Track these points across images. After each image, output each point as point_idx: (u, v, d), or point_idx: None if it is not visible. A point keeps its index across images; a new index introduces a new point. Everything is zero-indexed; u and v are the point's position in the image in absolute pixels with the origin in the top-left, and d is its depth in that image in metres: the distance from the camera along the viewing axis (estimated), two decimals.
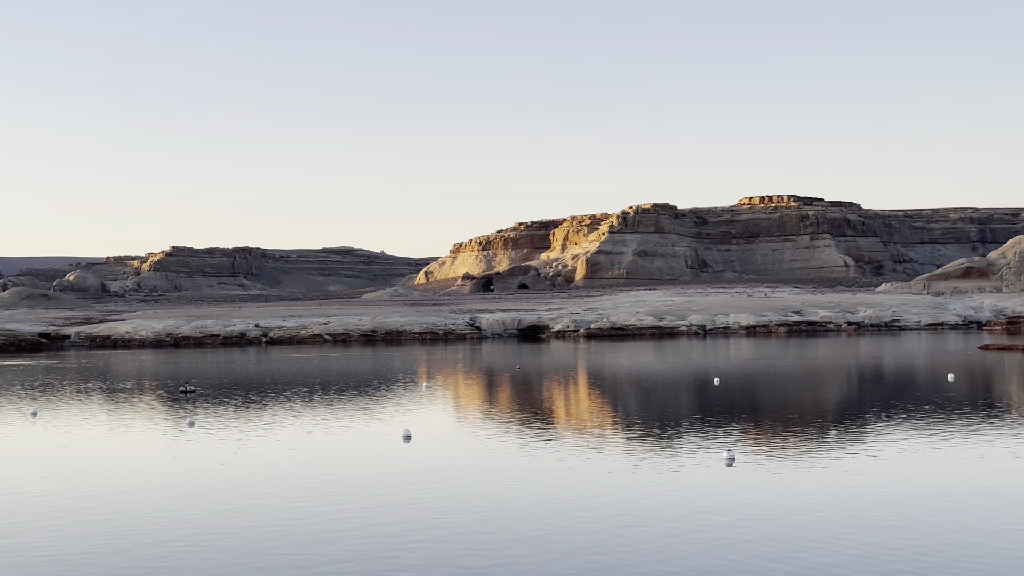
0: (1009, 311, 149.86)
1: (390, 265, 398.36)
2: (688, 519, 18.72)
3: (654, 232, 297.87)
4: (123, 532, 18.54)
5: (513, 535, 17.81)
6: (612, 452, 27.32)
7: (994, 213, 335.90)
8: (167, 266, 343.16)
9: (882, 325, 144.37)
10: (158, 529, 18.72)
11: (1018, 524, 18.14)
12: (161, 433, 33.92)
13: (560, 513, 19.52)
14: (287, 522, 19.14)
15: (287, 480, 23.97)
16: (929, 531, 17.59)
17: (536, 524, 18.62)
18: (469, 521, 18.94)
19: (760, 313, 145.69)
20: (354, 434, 32.63)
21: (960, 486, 21.73)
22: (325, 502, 21.04)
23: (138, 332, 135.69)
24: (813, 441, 28.86)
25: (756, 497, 20.68)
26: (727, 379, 52.77)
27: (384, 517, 19.40)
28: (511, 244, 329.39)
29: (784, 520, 18.55)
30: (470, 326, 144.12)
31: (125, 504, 21.31)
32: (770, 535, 17.45)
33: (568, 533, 17.85)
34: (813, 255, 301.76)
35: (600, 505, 20.15)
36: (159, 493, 22.52)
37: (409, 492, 22.01)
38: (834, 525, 18.10)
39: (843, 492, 21.10)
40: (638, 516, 19.05)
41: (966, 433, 29.79)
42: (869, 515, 18.85)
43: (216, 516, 19.85)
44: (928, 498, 20.43)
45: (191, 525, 19.02)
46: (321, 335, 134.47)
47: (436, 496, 21.46)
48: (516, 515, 19.45)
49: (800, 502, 20.12)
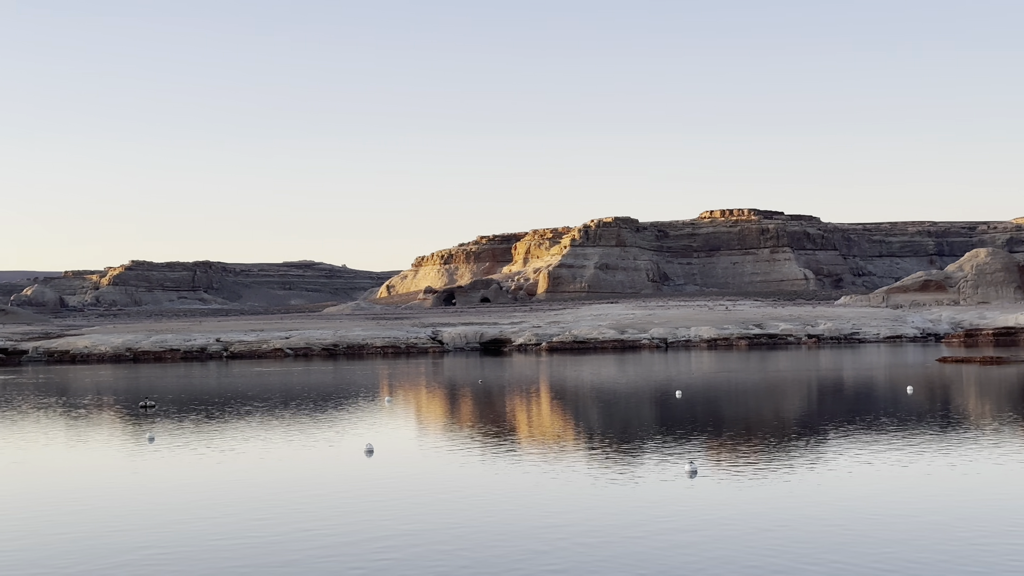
0: (966, 324, 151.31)
1: (352, 279, 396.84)
2: (650, 532, 18.77)
3: (616, 246, 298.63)
4: (81, 549, 18.37)
5: (475, 550, 17.80)
6: (574, 465, 27.35)
7: (951, 227, 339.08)
8: (126, 280, 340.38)
9: (842, 338, 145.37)
10: (117, 546, 18.56)
11: (976, 537, 18.32)
12: (120, 449, 33.65)
13: (522, 527, 19.53)
14: (248, 538, 19.03)
15: (248, 496, 23.84)
16: (889, 544, 17.73)
17: (498, 539, 18.62)
18: (431, 536, 18.91)
19: (721, 326, 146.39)
20: (316, 449, 32.49)
21: (920, 499, 21.91)
22: (287, 517, 20.93)
23: (97, 347, 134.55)
24: (774, 454, 29.02)
25: (717, 510, 20.77)
26: (689, 392, 52.96)
27: (346, 532, 19.33)
28: (473, 258, 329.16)
29: (745, 533, 18.64)
30: (432, 340, 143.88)
31: (83, 521, 21.11)
32: (731, 548, 17.52)
33: (530, 547, 17.86)
34: (773, 268, 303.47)
35: (562, 518, 20.17)
36: (118, 510, 22.33)
37: (371, 507, 21.94)
38: (795, 538, 18.21)
39: (804, 505, 21.23)
40: (600, 529, 19.09)
41: (925, 446, 30.05)
42: (829, 528, 18.97)
43: (176, 532, 19.71)
44: (888, 511, 20.58)
45: (151, 542, 18.87)
46: (282, 349, 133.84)
47: (398, 511, 21.40)
48: (478, 530, 19.43)
49: (762, 515, 20.22)
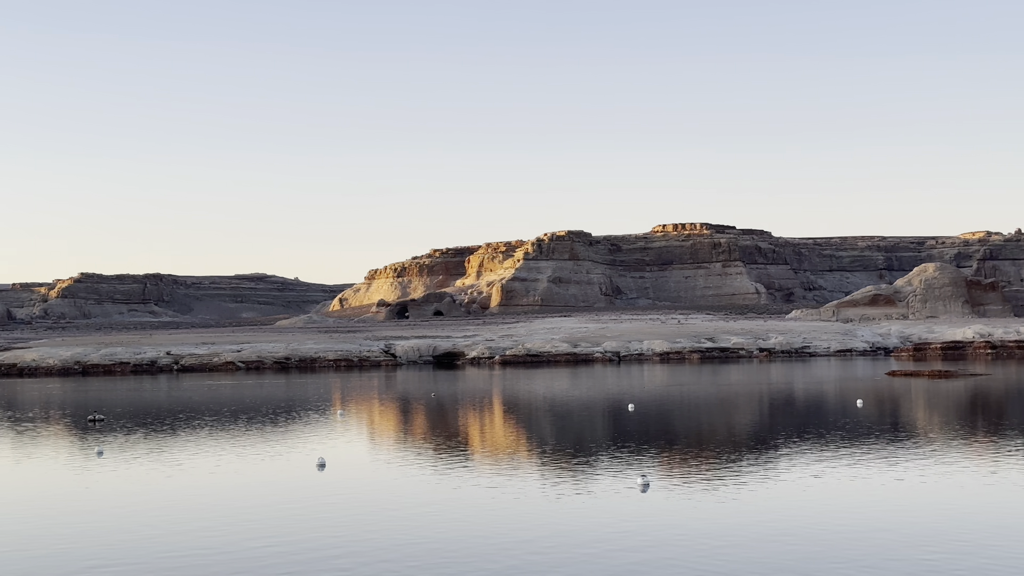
0: (915, 337, 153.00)
1: (304, 292, 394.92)
2: (603, 546, 18.81)
3: (569, 259, 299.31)
4: (28, 563, 18.15)
5: (426, 566, 17.76)
6: (527, 479, 27.36)
7: (900, 242, 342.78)
8: (75, 293, 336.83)
9: (793, 351, 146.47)
10: (64, 562, 18.35)
11: (924, 552, 18.49)
12: (68, 463, 33.25)
13: (475, 542, 19.51)
14: (199, 552, 18.88)
15: (199, 509, 23.65)
16: (838, 559, 17.87)
17: (450, 554, 18.58)
18: (382, 549, 18.85)
19: (673, 340, 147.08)
20: (268, 462, 32.29)
21: (869, 513, 22.10)
22: (238, 532, 20.79)
23: (45, 360, 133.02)
24: (726, 468, 29.18)
25: (669, 523, 20.85)
26: (641, 405, 53.13)
27: (297, 546, 19.23)
28: (426, 271, 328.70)
29: (696, 547, 18.72)
30: (385, 353, 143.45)
31: (29, 536, 20.86)
32: (683, 562, 17.59)
33: (482, 563, 17.84)
34: (725, 282, 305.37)
35: (515, 533, 20.16)
36: (66, 525, 22.07)
37: (323, 521, 21.84)
38: (745, 552, 18.32)
39: (754, 519, 21.35)
40: (553, 543, 19.10)
41: (875, 460, 30.33)
42: (779, 542, 19.10)
43: (126, 548, 19.51)
44: (838, 525, 20.74)
45: (99, 557, 18.67)
46: (234, 362, 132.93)
47: (350, 524, 21.32)
48: (430, 545, 19.38)
49: (713, 529, 20.32)
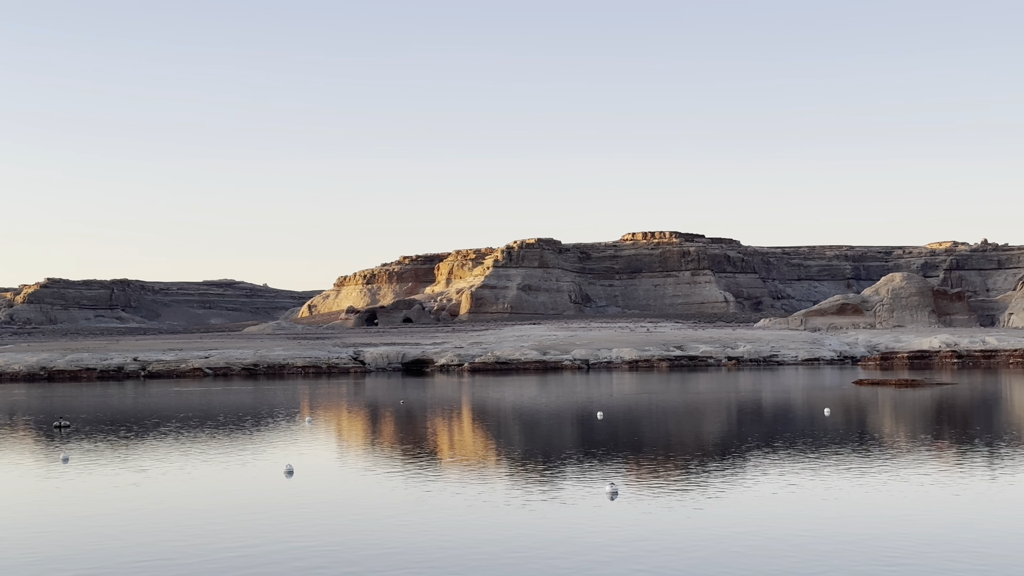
0: (882, 347, 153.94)
1: (273, 298, 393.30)
2: (571, 553, 18.81)
3: (538, 267, 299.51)
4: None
5: (392, 571, 17.70)
6: (495, 486, 27.33)
7: (867, 251, 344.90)
8: (42, 298, 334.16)
9: (761, 360, 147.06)
10: (29, 565, 18.20)
11: (890, 555, 18.60)
12: (33, 469, 32.99)
13: (442, 548, 19.46)
14: (165, 558, 18.75)
15: (165, 515, 23.49)
16: (805, 563, 17.94)
17: (417, 560, 18.53)
18: (349, 556, 18.78)
19: (642, 348, 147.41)
20: (235, 469, 32.12)
21: (835, 517, 22.21)
22: (204, 538, 20.66)
23: (10, 366, 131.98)
24: (694, 475, 29.25)
25: (637, 531, 20.87)
26: (610, 413, 53.20)
27: (265, 552, 19.13)
28: (395, 278, 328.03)
29: (664, 554, 18.75)
30: (354, 360, 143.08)
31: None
32: (650, 569, 17.61)
33: (450, 568, 17.80)
34: (694, 291, 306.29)
35: (483, 540, 20.14)
36: (29, 530, 21.90)
37: (290, 527, 21.74)
38: (712, 559, 18.36)
39: (723, 526, 21.42)
40: (522, 551, 19.08)
41: (842, 467, 30.47)
42: (747, 548, 19.15)
43: (89, 554, 19.36)
44: (806, 533, 20.84)
45: (63, 563, 18.52)
46: (202, 369, 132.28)
47: (317, 531, 21.23)
48: (397, 552, 19.32)
49: (681, 536, 20.36)
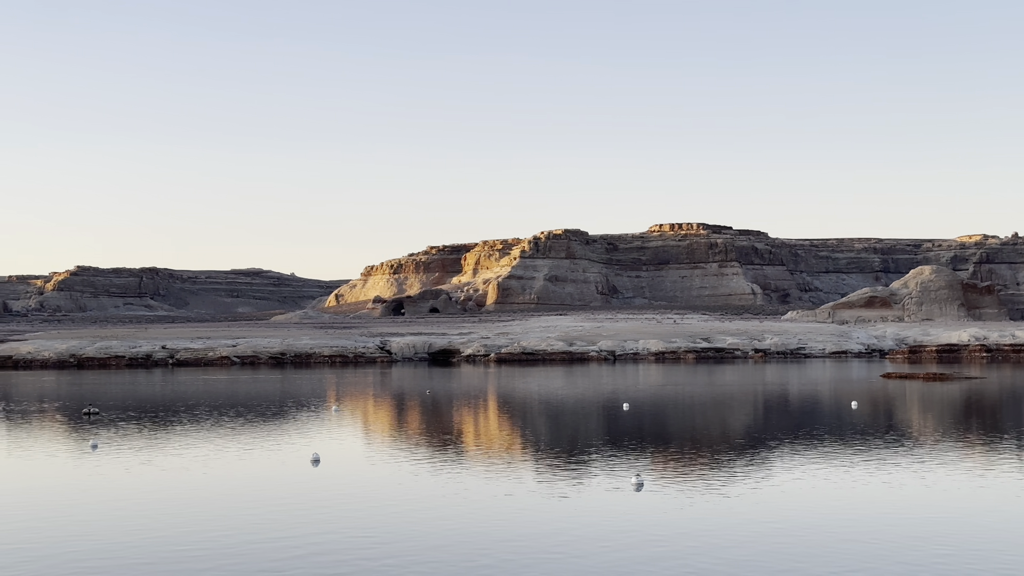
0: (910, 340, 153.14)
1: (300, 287, 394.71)
2: (596, 544, 18.82)
3: (565, 258, 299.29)
4: (21, 557, 18.14)
5: (420, 560, 17.75)
6: (521, 477, 27.37)
7: (897, 244, 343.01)
8: (72, 286, 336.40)
9: (788, 352, 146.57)
10: (58, 551, 18.35)
11: (918, 548, 18.52)
12: (63, 456, 33.24)
13: (468, 538, 19.51)
14: (193, 546, 18.87)
15: (193, 503, 23.64)
16: (833, 555, 17.89)
17: (443, 549, 18.58)
18: (375, 545, 18.85)
19: (669, 340, 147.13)
20: (263, 457, 32.28)
21: (862, 511, 22.13)
22: (232, 526, 20.79)
23: (41, 352, 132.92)
24: (720, 468, 29.21)
25: (664, 522, 20.87)
26: (636, 405, 53.16)
27: (291, 541, 19.22)
28: (422, 268, 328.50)
29: (690, 545, 18.73)
30: (380, 350, 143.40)
31: (25, 527, 20.85)
32: (676, 561, 17.61)
33: (476, 559, 17.84)
34: (721, 283, 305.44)
35: (508, 530, 20.18)
36: (60, 516, 22.06)
37: (317, 515, 21.84)
38: (739, 550, 18.33)
39: (749, 517, 21.38)
40: (547, 541, 19.11)
41: (869, 460, 30.35)
42: (773, 540, 19.12)
43: (119, 540, 19.50)
44: (832, 523, 20.77)
45: (92, 548, 18.66)
46: (229, 357, 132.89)
47: (344, 520, 21.32)
48: (422, 540, 19.38)
49: (707, 527, 20.34)
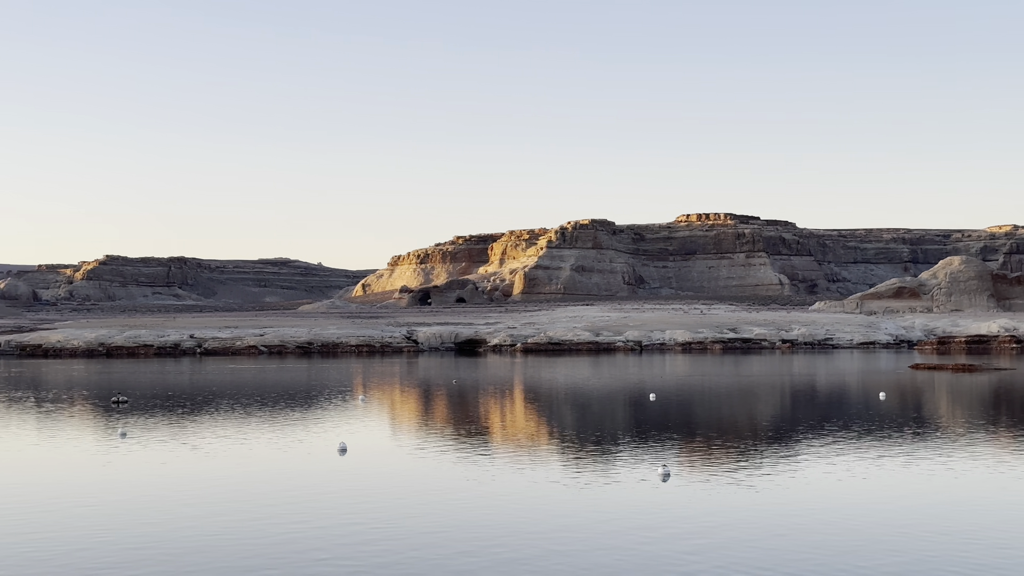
0: (939, 331, 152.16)
1: (327, 277, 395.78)
2: (623, 535, 18.80)
3: (592, 248, 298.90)
4: (50, 546, 18.26)
5: (445, 550, 17.78)
6: (547, 467, 27.36)
7: (926, 235, 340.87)
8: (101, 275, 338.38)
9: (815, 343, 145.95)
10: (89, 539, 18.46)
11: (950, 540, 18.41)
12: (91, 444, 33.46)
13: (494, 528, 19.52)
14: (218, 535, 18.95)
15: (220, 493, 23.75)
16: (861, 547, 17.81)
17: (468, 539, 18.60)
18: (402, 535, 18.88)
19: (696, 330, 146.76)
20: (289, 446, 32.39)
21: (888, 502, 22.02)
22: (257, 515, 20.86)
23: (70, 341, 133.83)
24: (747, 458, 29.11)
25: (690, 513, 20.82)
26: (663, 395, 53.07)
27: (318, 531, 19.28)
28: (449, 258, 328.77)
29: (717, 536, 18.68)
30: (407, 339, 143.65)
31: (53, 516, 20.99)
32: (703, 552, 17.56)
33: (501, 549, 17.85)
34: (749, 273, 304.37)
35: (534, 521, 20.17)
36: (88, 505, 22.21)
37: (344, 505, 21.90)
38: (765, 542, 18.27)
39: (776, 508, 21.31)
40: (573, 532, 19.10)
41: (896, 451, 30.19)
42: (799, 532, 19.04)
43: (146, 529, 19.61)
44: (861, 515, 20.67)
45: (121, 538, 18.77)
46: (256, 346, 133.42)
47: (371, 509, 21.36)
48: (450, 530, 19.41)
49: (734, 519, 20.28)
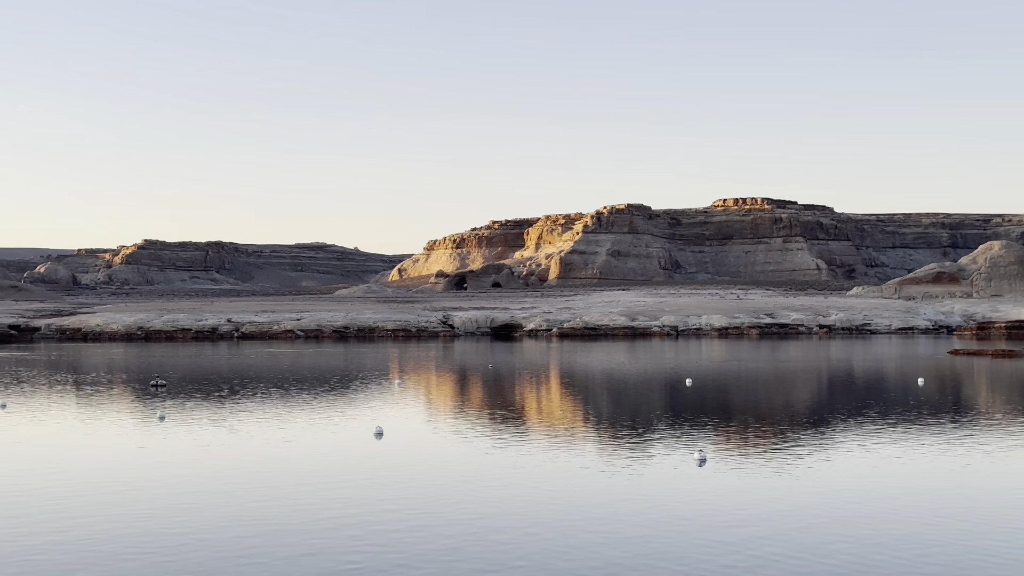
0: (979, 316, 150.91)
1: (363, 262, 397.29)
2: (659, 520, 18.75)
3: (628, 232, 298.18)
4: (88, 529, 18.42)
5: (481, 535, 17.80)
6: (583, 451, 27.34)
7: (965, 219, 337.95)
8: (139, 259, 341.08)
9: (853, 328, 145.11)
10: (126, 522, 18.61)
11: (983, 529, 18.26)
12: (131, 427, 33.74)
13: (529, 513, 19.52)
14: (257, 518, 19.06)
15: (257, 476, 23.89)
16: (894, 535, 17.69)
17: (505, 524, 18.61)
18: (438, 519, 18.92)
19: (732, 315, 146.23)
20: (326, 430, 32.54)
21: (927, 490, 21.86)
22: (296, 498, 20.97)
23: (109, 325, 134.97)
24: (783, 443, 28.98)
25: (726, 498, 20.75)
26: (699, 380, 52.91)
27: (354, 514, 19.35)
28: (485, 242, 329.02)
29: (753, 522, 18.60)
30: (443, 324, 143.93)
31: (93, 498, 21.18)
32: (739, 537, 17.50)
33: (537, 534, 17.85)
34: (786, 258, 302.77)
35: (570, 505, 20.16)
36: (128, 487, 22.39)
37: (380, 489, 21.97)
38: (802, 528, 18.18)
39: (812, 494, 21.20)
40: (609, 516, 19.07)
41: (934, 437, 29.96)
42: (836, 519, 18.93)
43: (185, 511, 19.75)
44: (895, 502, 20.53)
45: (159, 520, 18.91)
46: (293, 331, 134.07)
47: (407, 493, 21.42)
48: (485, 514, 19.42)
49: (770, 504, 20.20)
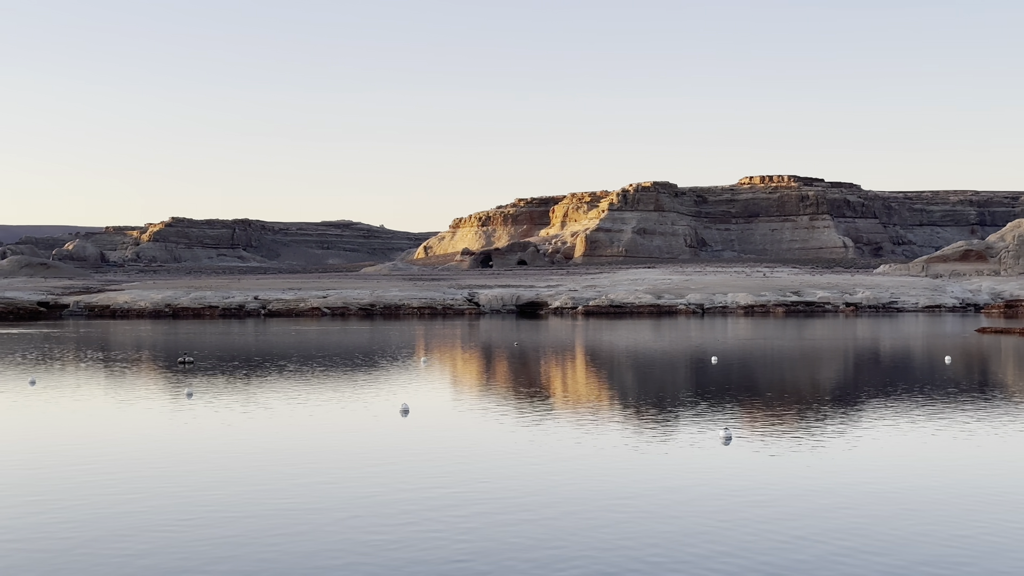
0: (1007, 294, 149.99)
1: (389, 239, 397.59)
2: (684, 497, 18.78)
3: (654, 210, 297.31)
4: (121, 503, 18.57)
5: (508, 512, 17.86)
6: (609, 429, 27.38)
7: (993, 196, 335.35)
8: (166, 237, 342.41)
9: (880, 307, 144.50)
10: (156, 497, 18.77)
11: (1011, 511, 18.21)
12: (159, 403, 33.98)
13: (556, 490, 19.56)
14: (284, 494, 19.18)
15: (284, 452, 24.03)
16: (920, 514, 17.66)
17: (531, 501, 18.66)
18: (465, 496, 18.99)
19: (758, 293, 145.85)
20: (352, 407, 32.68)
21: (952, 469, 21.80)
22: (322, 475, 21.09)
23: (137, 302, 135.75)
24: (809, 421, 28.94)
25: (751, 476, 20.75)
26: (725, 358, 52.84)
27: (381, 491, 19.44)
28: (511, 220, 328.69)
29: (778, 500, 18.60)
30: (468, 302, 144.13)
31: (123, 474, 21.35)
32: (764, 514, 17.50)
33: (563, 511, 17.90)
34: (812, 236, 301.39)
35: (596, 482, 20.20)
36: (156, 463, 22.57)
37: (406, 466, 22.06)
38: (828, 505, 18.16)
39: (838, 473, 21.17)
40: (635, 494, 19.10)
41: (961, 416, 29.85)
42: (862, 497, 18.91)
43: (214, 487, 19.89)
44: (922, 482, 20.49)
45: (188, 496, 19.05)
46: (320, 308, 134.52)
47: (433, 471, 21.51)
48: (512, 491, 19.48)
49: (796, 482, 20.19)
